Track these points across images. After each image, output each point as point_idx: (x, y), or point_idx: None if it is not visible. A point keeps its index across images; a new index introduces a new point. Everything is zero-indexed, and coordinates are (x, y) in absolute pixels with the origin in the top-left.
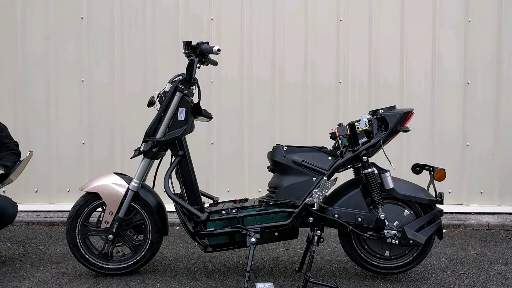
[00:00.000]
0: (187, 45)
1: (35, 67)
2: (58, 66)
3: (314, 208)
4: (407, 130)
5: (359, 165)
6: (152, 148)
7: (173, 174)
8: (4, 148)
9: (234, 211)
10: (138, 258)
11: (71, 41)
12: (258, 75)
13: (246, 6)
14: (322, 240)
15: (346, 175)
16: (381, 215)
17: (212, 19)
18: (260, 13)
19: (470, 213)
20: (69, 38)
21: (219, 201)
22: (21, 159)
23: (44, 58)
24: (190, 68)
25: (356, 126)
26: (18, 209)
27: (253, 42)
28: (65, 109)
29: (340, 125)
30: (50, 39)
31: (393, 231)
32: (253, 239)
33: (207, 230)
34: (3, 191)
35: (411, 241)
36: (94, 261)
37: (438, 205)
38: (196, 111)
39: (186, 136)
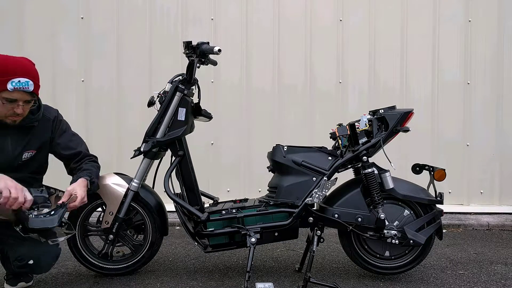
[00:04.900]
0: (188, 45)
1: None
2: (58, 66)
3: (314, 208)
4: (407, 130)
5: (359, 165)
6: (152, 148)
7: (173, 174)
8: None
9: (234, 211)
10: (138, 258)
11: (71, 41)
12: (258, 74)
13: (246, 6)
14: (322, 240)
15: (346, 175)
16: (381, 215)
17: (212, 19)
18: (260, 13)
19: (470, 213)
20: (69, 38)
21: (219, 201)
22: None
23: (44, 58)
24: (190, 68)
25: (356, 126)
26: None
27: (253, 42)
28: (64, 109)
29: (340, 125)
30: (50, 39)
31: (393, 231)
32: (253, 239)
33: (207, 230)
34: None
35: (411, 241)
36: (94, 261)
37: (438, 205)
38: (196, 111)
39: (186, 136)
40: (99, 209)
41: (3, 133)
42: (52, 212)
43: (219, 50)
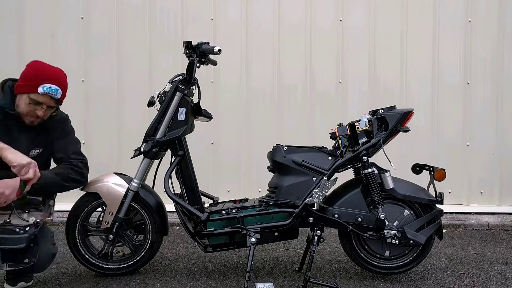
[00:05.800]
0: (188, 45)
1: None
2: (58, 66)
3: (314, 208)
4: (407, 130)
5: (359, 165)
6: (152, 148)
7: (173, 174)
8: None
9: (234, 211)
10: (138, 258)
11: (71, 41)
12: (258, 74)
13: (246, 6)
14: (322, 240)
15: (346, 175)
16: (381, 215)
17: (212, 19)
18: (260, 13)
19: (470, 213)
20: (69, 38)
21: (219, 201)
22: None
23: (44, 58)
24: (190, 68)
25: (356, 126)
26: None
27: (253, 42)
28: (64, 109)
29: (340, 125)
30: (50, 39)
31: (393, 231)
32: (253, 239)
33: (207, 230)
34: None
35: (411, 241)
36: (94, 261)
37: (438, 205)
38: (196, 111)
39: (186, 136)
40: (99, 209)
41: (21, 129)
42: (28, 229)
43: (219, 50)
